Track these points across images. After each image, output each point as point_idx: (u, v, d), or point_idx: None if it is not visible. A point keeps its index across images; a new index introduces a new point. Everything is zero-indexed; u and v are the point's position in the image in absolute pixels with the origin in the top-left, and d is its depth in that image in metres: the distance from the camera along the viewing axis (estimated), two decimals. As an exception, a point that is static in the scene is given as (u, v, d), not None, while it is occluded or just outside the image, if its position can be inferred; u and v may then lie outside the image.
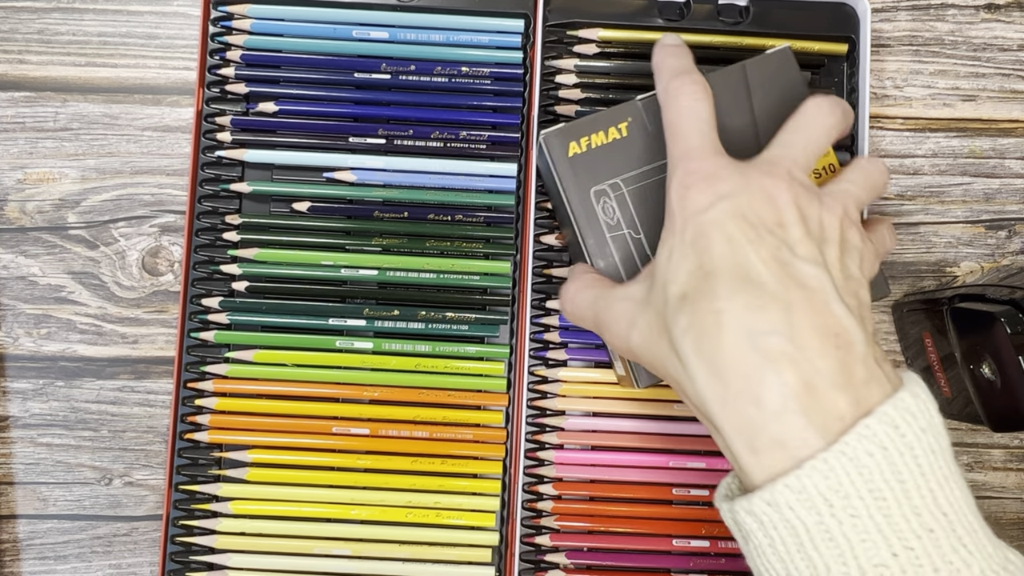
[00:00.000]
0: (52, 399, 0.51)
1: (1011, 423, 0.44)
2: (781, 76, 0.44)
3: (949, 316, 0.45)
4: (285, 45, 0.50)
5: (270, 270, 0.49)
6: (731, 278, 0.34)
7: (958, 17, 0.54)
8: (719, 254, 0.35)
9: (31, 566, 0.50)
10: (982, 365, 0.43)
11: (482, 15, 0.50)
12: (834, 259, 0.36)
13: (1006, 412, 0.43)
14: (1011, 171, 0.54)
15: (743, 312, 0.34)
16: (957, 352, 0.45)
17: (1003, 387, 0.42)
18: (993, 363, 0.42)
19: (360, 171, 0.50)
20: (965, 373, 0.44)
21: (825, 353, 0.33)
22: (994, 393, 0.43)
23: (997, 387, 0.42)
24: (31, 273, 0.51)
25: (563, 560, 0.49)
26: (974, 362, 0.44)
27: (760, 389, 0.33)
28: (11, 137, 0.51)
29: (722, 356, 0.33)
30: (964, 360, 0.44)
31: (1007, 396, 0.42)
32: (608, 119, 0.44)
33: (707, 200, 0.36)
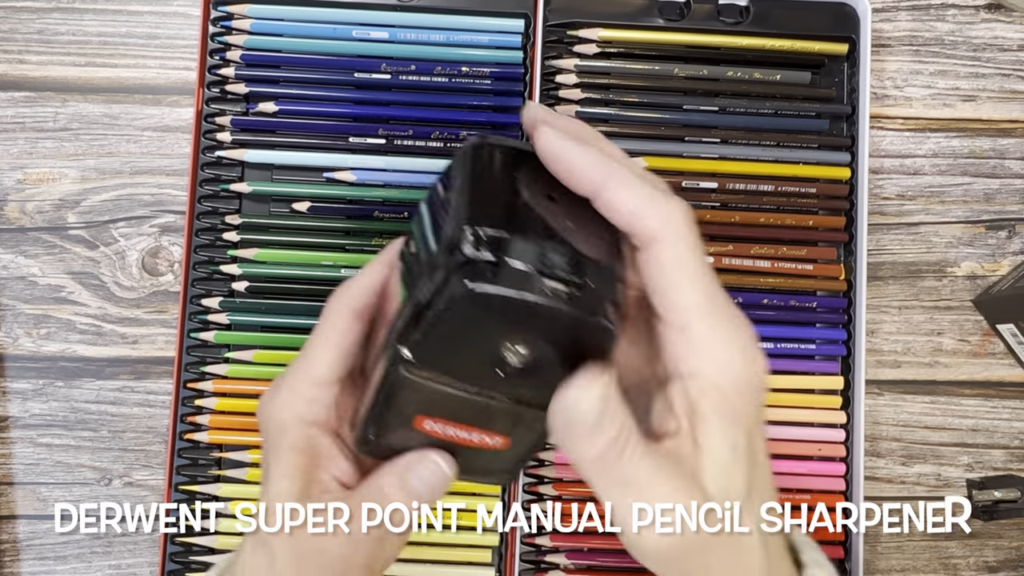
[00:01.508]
0: (52, 399, 0.51)
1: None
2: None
3: None
4: (285, 45, 0.50)
5: (270, 270, 0.49)
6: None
7: (958, 17, 0.54)
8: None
9: (31, 566, 0.50)
10: None
11: (482, 15, 0.50)
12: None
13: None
14: (1011, 171, 0.54)
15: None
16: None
17: None
18: None
19: (360, 171, 0.50)
20: None
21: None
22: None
23: None
24: (31, 273, 0.51)
25: (563, 560, 0.49)
26: None
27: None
28: (11, 137, 0.51)
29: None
30: None
31: None
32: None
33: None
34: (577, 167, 0.28)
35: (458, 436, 0.31)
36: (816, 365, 0.51)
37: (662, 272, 0.28)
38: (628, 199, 0.28)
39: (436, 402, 0.29)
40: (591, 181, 0.28)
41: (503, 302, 0.26)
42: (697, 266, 0.28)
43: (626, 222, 0.28)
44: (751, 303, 0.50)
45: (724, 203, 0.51)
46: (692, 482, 0.28)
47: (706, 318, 0.28)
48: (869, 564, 0.53)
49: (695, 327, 0.28)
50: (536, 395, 0.29)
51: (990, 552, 0.53)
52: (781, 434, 0.50)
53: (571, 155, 0.28)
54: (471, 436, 0.31)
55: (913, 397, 0.53)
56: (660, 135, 0.51)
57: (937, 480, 0.53)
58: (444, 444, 0.31)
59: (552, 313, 0.26)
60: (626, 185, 0.28)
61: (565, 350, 0.28)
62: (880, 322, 0.53)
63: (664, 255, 0.28)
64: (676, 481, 0.28)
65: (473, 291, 0.26)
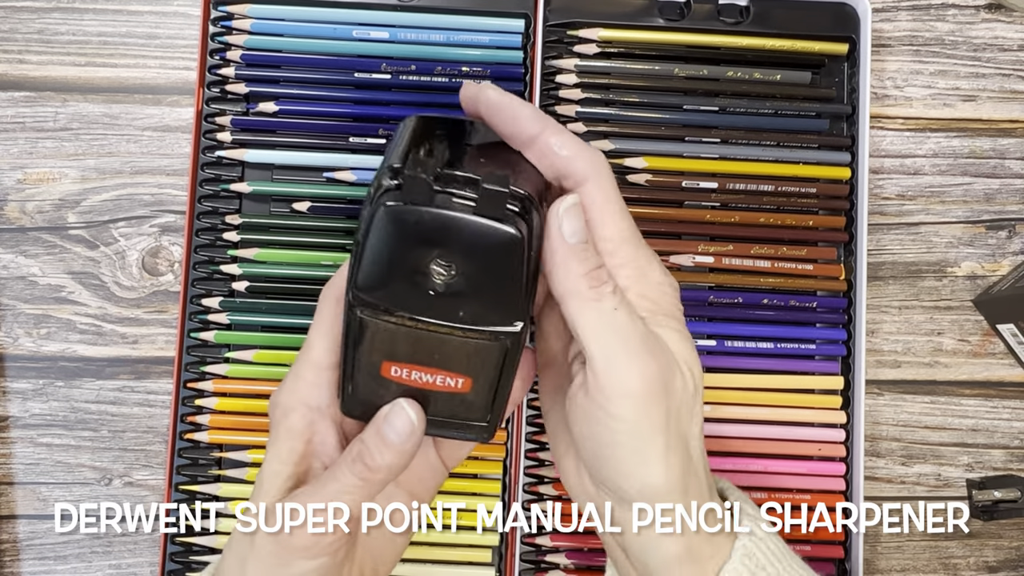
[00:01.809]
0: (52, 399, 0.51)
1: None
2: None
3: None
4: (285, 45, 0.50)
5: (270, 270, 0.49)
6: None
7: (958, 17, 0.54)
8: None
9: (31, 566, 0.50)
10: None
11: (482, 15, 0.50)
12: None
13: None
14: (1011, 171, 0.54)
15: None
16: None
17: None
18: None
19: (360, 171, 0.50)
20: None
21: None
22: None
23: None
24: (31, 273, 0.51)
25: (563, 560, 0.49)
26: None
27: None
28: (11, 137, 0.51)
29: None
30: None
31: None
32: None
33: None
34: (522, 115, 0.33)
35: (423, 380, 0.33)
36: (816, 365, 0.51)
37: (592, 208, 0.33)
38: (565, 143, 0.33)
39: (393, 341, 0.32)
40: (531, 127, 0.33)
41: (413, 215, 0.30)
42: (619, 203, 0.34)
43: (562, 164, 0.33)
44: (751, 303, 0.50)
45: (724, 203, 0.51)
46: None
47: (629, 243, 0.33)
48: (869, 564, 0.53)
49: (621, 250, 0.33)
50: (475, 316, 0.31)
51: (990, 552, 0.53)
52: (781, 434, 0.50)
53: (516, 105, 0.33)
54: (435, 379, 0.33)
55: (913, 397, 0.53)
56: (660, 135, 0.51)
57: (937, 480, 0.53)
58: (414, 393, 0.33)
59: (454, 221, 0.30)
60: (562, 133, 0.33)
61: (483, 262, 0.31)
62: (880, 322, 0.53)
63: (594, 194, 0.33)
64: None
65: (386, 208, 0.30)
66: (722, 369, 0.50)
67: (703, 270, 0.51)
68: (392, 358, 0.33)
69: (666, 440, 0.32)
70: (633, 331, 0.32)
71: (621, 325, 0.32)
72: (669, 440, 0.32)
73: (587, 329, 0.32)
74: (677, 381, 0.33)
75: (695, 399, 0.33)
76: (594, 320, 0.32)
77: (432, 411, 0.34)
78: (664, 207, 0.51)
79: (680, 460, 0.33)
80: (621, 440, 0.32)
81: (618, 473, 0.33)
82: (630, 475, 0.33)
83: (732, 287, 0.50)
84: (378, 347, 0.32)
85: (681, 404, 0.33)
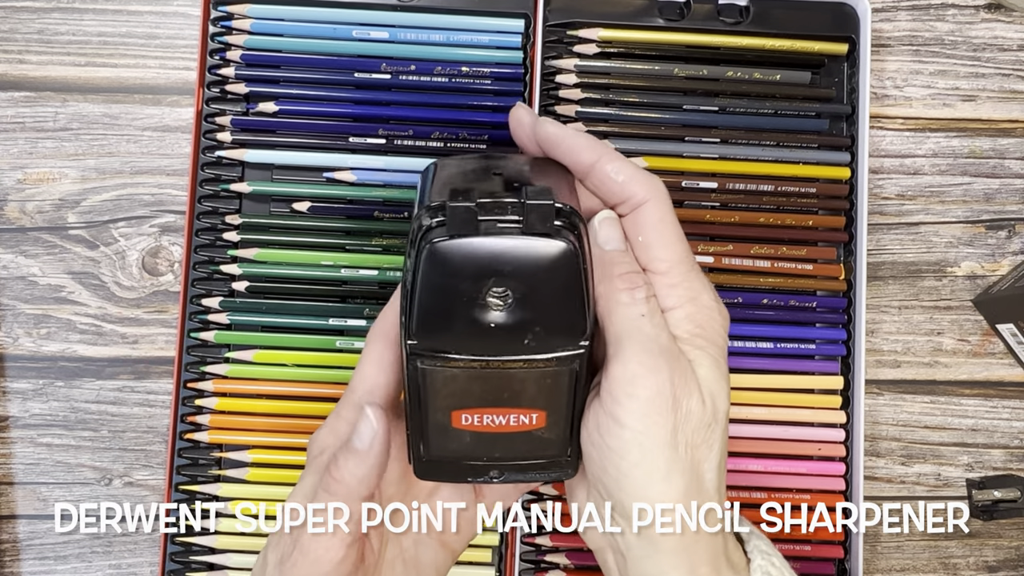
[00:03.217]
0: (52, 399, 0.51)
1: None
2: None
3: None
4: (285, 45, 0.50)
5: (270, 270, 0.49)
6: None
7: (958, 17, 0.54)
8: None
9: (31, 566, 0.50)
10: None
11: (482, 15, 0.50)
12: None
13: None
14: (1011, 171, 0.54)
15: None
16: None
17: None
18: None
19: (360, 171, 0.50)
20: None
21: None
22: None
23: None
24: (31, 273, 0.51)
25: (563, 560, 0.49)
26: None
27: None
28: (11, 137, 0.51)
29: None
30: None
31: None
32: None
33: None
34: (577, 145, 0.34)
35: (496, 423, 0.32)
36: (816, 365, 0.51)
37: (649, 228, 0.34)
38: (621, 169, 0.34)
39: (460, 388, 0.31)
40: (589, 156, 0.34)
41: (461, 248, 0.29)
42: (676, 226, 0.34)
43: (619, 189, 0.34)
44: (751, 303, 0.50)
45: (724, 203, 0.51)
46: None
47: (684, 264, 0.34)
48: (869, 564, 0.53)
49: (675, 270, 0.34)
50: (540, 341, 0.30)
51: (990, 552, 0.53)
52: (781, 434, 0.50)
53: (572, 136, 0.34)
54: (508, 419, 0.32)
55: (913, 397, 0.53)
56: (660, 135, 0.51)
57: (937, 480, 0.53)
58: (491, 442, 0.32)
59: (504, 245, 0.29)
60: (618, 159, 0.34)
61: (539, 282, 0.30)
62: (880, 322, 0.53)
63: (651, 214, 0.34)
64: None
65: (433, 245, 0.29)
66: (722, 369, 0.50)
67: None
68: (461, 406, 0.31)
69: (670, 457, 0.32)
70: (655, 340, 0.32)
71: (644, 332, 0.32)
72: (674, 458, 0.32)
73: (611, 329, 0.32)
74: (692, 403, 0.32)
75: (712, 429, 0.33)
76: (619, 321, 0.32)
77: (512, 455, 0.33)
78: (664, 207, 0.51)
79: (684, 482, 0.32)
80: (625, 450, 0.32)
81: (621, 487, 0.32)
82: (632, 488, 0.32)
83: (732, 287, 0.50)
84: (445, 397, 0.31)
85: (695, 429, 0.32)
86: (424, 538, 0.36)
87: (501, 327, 0.30)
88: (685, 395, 0.32)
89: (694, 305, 0.33)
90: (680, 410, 0.32)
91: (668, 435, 0.31)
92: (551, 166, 0.34)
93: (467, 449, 0.32)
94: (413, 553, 0.36)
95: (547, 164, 0.34)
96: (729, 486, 0.50)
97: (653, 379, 0.31)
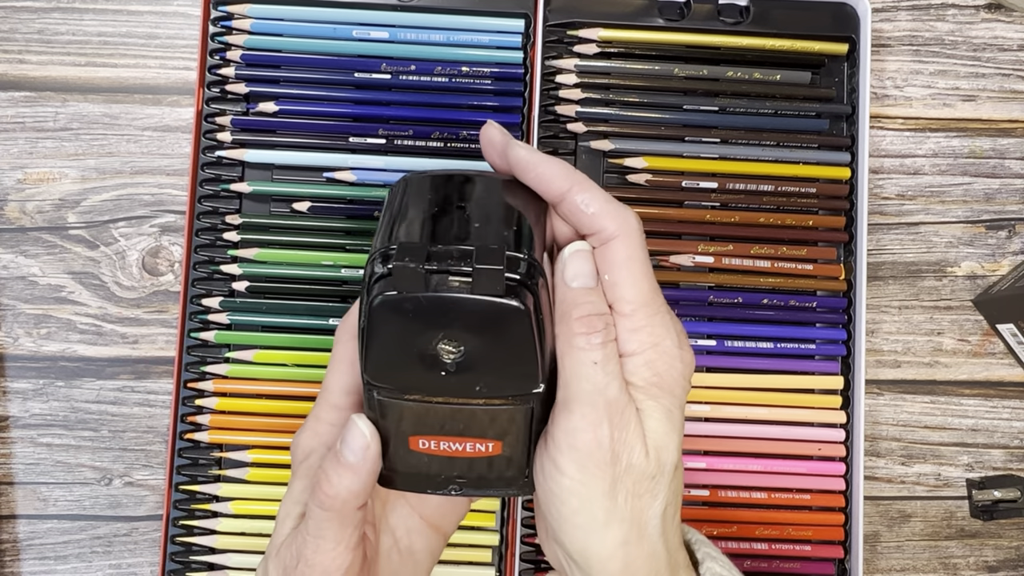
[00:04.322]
0: (52, 399, 0.51)
1: None
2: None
3: None
4: (285, 45, 0.50)
5: (270, 270, 0.49)
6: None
7: (958, 17, 0.54)
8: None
9: (31, 566, 0.50)
10: None
11: (482, 15, 0.50)
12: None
13: None
14: (1011, 171, 0.54)
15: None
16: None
17: None
18: None
19: (360, 171, 0.50)
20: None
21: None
22: None
23: None
24: (31, 273, 0.51)
25: (563, 560, 0.49)
26: None
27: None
28: (11, 137, 0.51)
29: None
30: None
31: None
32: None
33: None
34: (548, 173, 0.32)
35: (453, 449, 0.32)
36: (816, 365, 0.51)
37: (615, 267, 0.32)
38: (592, 200, 0.32)
39: (417, 418, 0.31)
40: (560, 185, 0.32)
41: (409, 303, 0.29)
42: (644, 265, 0.32)
43: (589, 221, 0.32)
44: (751, 303, 0.50)
45: (724, 203, 0.51)
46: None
47: (649, 306, 0.32)
48: (869, 564, 0.53)
49: (639, 313, 0.32)
50: (492, 387, 0.30)
51: (990, 552, 0.53)
52: (781, 434, 0.50)
53: (543, 163, 0.32)
54: (464, 447, 0.32)
55: (913, 397, 0.53)
56: (660, 135, 0.51)
57: (937, 480, 0.53)
58: (449, 462, 0.32)
59: (452, 302, 0.28)
60: (590, 189, 0.32)
61: (490, 336, 0.29)
62: (880, 322, 0.53)
63: (619, 252, 0.32)
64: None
65: (382, 299, 0.29)
66: (722, 369, 0.50)
67: (703, 270, 0.51)
68: (417, 433, 0.32)
69: (608, 507, 0.31)
70: (603, 392, 0.31)
71: (593, 382, 0.31)
72: (612, 508, 0.31)
73: (563, 371, 0.31)
74: (633, 457, 0.31)
75: (657, 480, 0.32)
76: (571, 365, 0.31)
77: (470, 475, 0.33)
78: (664, 207, 0.51)
79: (623, 531, 0.31)
80: (564, 497, 0.31)
81: (562, 531, 0.32)
82: (572, 534, 0.32)
83: (732, 287, 0.50)
84: (403, 424, 0.31)
85: (637, 480, 0.31)
86: (415, 525, 0.36)
87: (452, 375, 0.30)
88: (626, 450, 0.31)
89: (655, 351, 0.32)
90: (619, 464, 0.31)
91: (607, 487, 0.31)
92: (523, 192, 0.33)
93: (426, 467, 0.33)
94: (407, 542, 0.36)
95: (520, 189, 0.33)
96: (729, 486, 0.50)
97: (593, 434, 0.31)
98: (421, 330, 0.29)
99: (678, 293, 0.50)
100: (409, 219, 0.31)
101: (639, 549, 0.32)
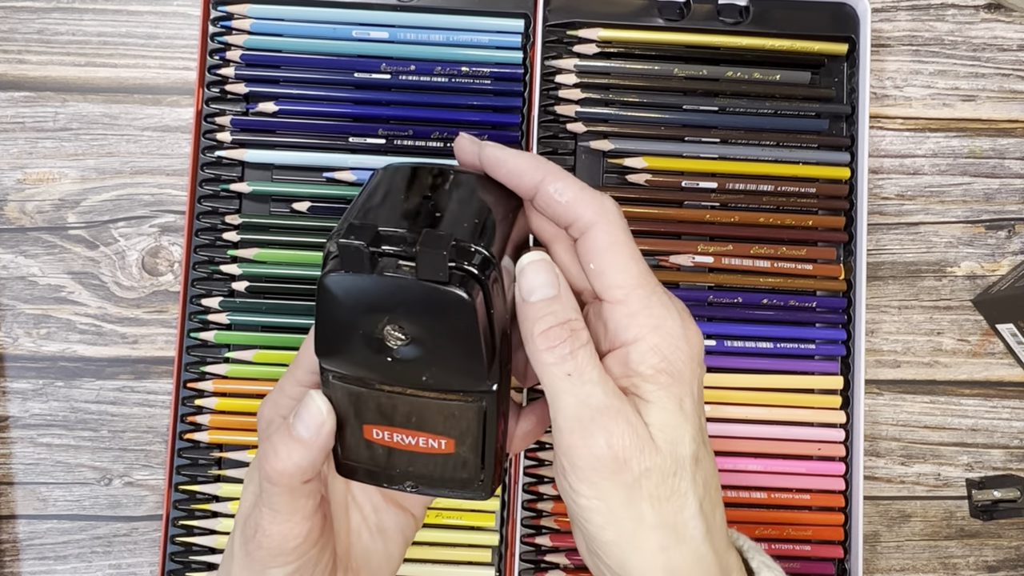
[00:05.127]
0: (52, 399, 0.51)
1: None
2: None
3: None
4: (285, 45, 0.50)
5: (270, 270, 0.49)
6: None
7: (958, 17, 0.54)
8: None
9: (31, 566, 0.50)
10: None
11: (482, 15, 0.50)
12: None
13: None
14: (1011, 171, 0.54)
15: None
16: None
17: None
18: None
19: (360, 171, 0.50)
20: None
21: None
22: None
23: None
24: (31, 273, 0.51)
25: (563, 560, 0.49)
26: None
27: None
28: (11, 137, 0.51)
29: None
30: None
31: None
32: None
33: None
34: (519, 167, 0.31)
35: (406, 442, 0.32)
36: (816, 365, 0.51)
37: (599, 254, 0.31)
38: (565, 189, 0.31)
39: (368, 405, 0.31)
40: (532, 176, 0.31)
41: (354, 283, 0.28)
42: (630, 247, 0.31)
43: (564, 211, 0.31)
44: (751, 303, 0.50)
45: (724, 203, 0.51)
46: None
47: (642, 288, 0.31)
48: (869, 564, 0.53)
49: (633, 297, 0.30)
50: (439, 379, 0.30)
51: (990, 552, 0.53)
52: (781, 434, 0.50)
53: (514, 158, 0.32)
54: (417, 441, 0.32)
55: (913, 397, 0.53)
56: (660, 135, 0.51)
57: (937, 480, 0.53)
58: (404, 456, 0.32)
59: (396, 286, 0.28)
60: (563, 178, 0.31)
61: (435, 326, 0.29)
62: (880, 322, 0.53)
63: (600, 239, 0.31)
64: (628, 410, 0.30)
65: (327, 277, 0.29)
66: (722, 369, 0.50)
67: (703, 270, 0.51)
68: (371, 421, 0.31)
69: (634, 518, 0.30)
70: (586, 403, 0.29)
71: (575, 394, 0.29)
72: (640, 519, 0.30)
73: (546, 393, 0.30)
74: (644, 459, 0.29)
75: (679, 477, 0.30)
76: (548, 382, 0.30)
77: (425, 472, 0.32)
78: (664, 207, 0.51)
79: (658, 541, 0.30)
80: (588, 516, 0.30)
81: (598, 548, 0.31)
82: (607, 550, 0.30)
83: (732, 287, 0.51)
84: (356, 411, 0.31)
85: (657, 483, 0.29)
86: (381, 503, 0.36)
87: (399, 360, 0.30)
88: (633, 454, 0.29)
89: (658, 335, 0.30)
90: (630, 471, 0.29)
91: (623, 497, 0.29)
92: (497, 190, 0.32)
93: (381, 459, 0.32)
94: (375, 520, 0.36)
95: (494, 187, 0.32)
96: (729, 486, 0.50)
97: (587, 449, 0.29)
98: (366, 312, 0.29)
99: (678, 293, 0.50)
100: (374, 204, 0.30)
101: (681, 554, 0.30)
